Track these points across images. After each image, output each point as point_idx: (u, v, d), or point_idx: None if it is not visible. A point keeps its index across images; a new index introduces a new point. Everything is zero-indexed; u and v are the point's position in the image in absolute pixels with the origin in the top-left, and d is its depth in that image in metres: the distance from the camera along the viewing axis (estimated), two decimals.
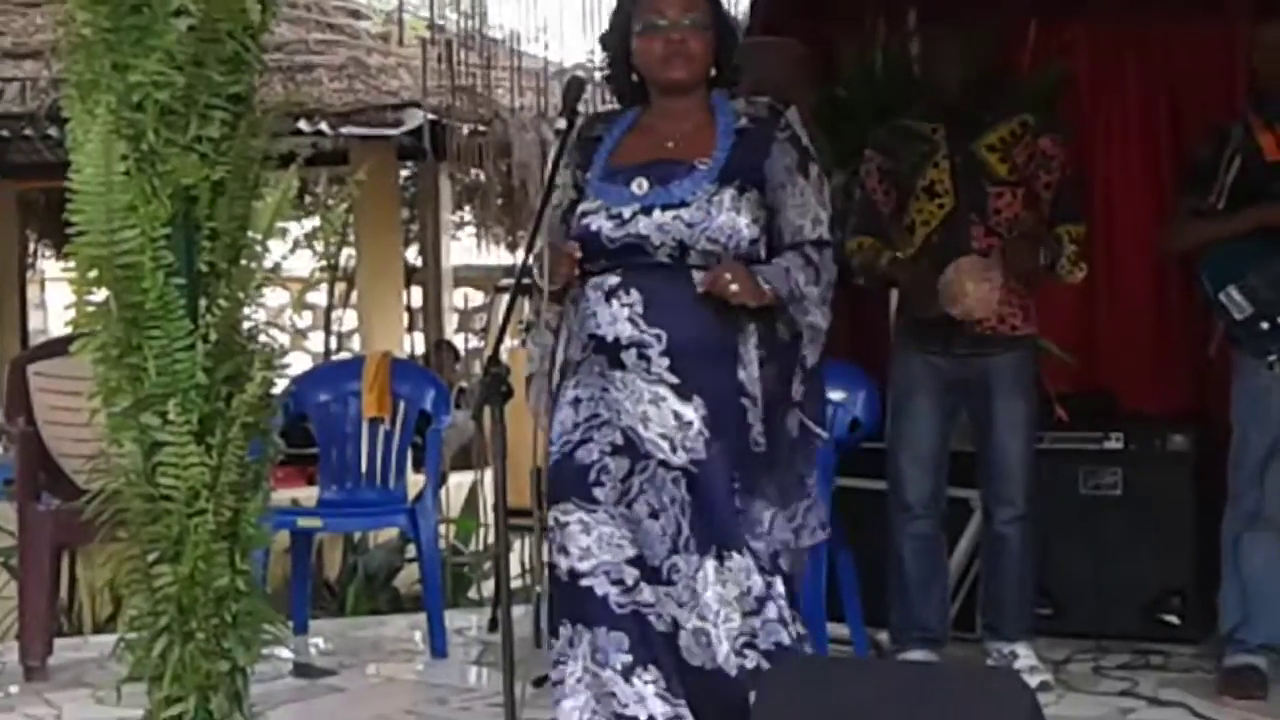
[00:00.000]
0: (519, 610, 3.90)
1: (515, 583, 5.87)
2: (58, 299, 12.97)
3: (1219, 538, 4.91)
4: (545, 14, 15.29)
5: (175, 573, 3.13)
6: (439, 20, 10.54)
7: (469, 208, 13.59)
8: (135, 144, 3.13)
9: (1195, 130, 5.42)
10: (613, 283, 3.51)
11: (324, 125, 10.51)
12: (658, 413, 3.46)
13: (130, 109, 3.13)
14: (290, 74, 10.58)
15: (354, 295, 12.87)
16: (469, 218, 13.80)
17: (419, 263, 13.19)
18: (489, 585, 7.52)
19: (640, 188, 3.53)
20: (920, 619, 5.10)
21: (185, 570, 3.13)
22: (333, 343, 13.77)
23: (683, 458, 3.45)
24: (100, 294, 3.17)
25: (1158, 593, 5.54)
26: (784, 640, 3.46)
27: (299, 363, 11.78)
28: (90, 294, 3.17)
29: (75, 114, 3.17)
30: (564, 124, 3.58)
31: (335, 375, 6.65)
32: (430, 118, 10.61)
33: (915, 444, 5.08)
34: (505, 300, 3.73)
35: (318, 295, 13.60)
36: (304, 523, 6.00)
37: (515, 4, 11.74)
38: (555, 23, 17.35)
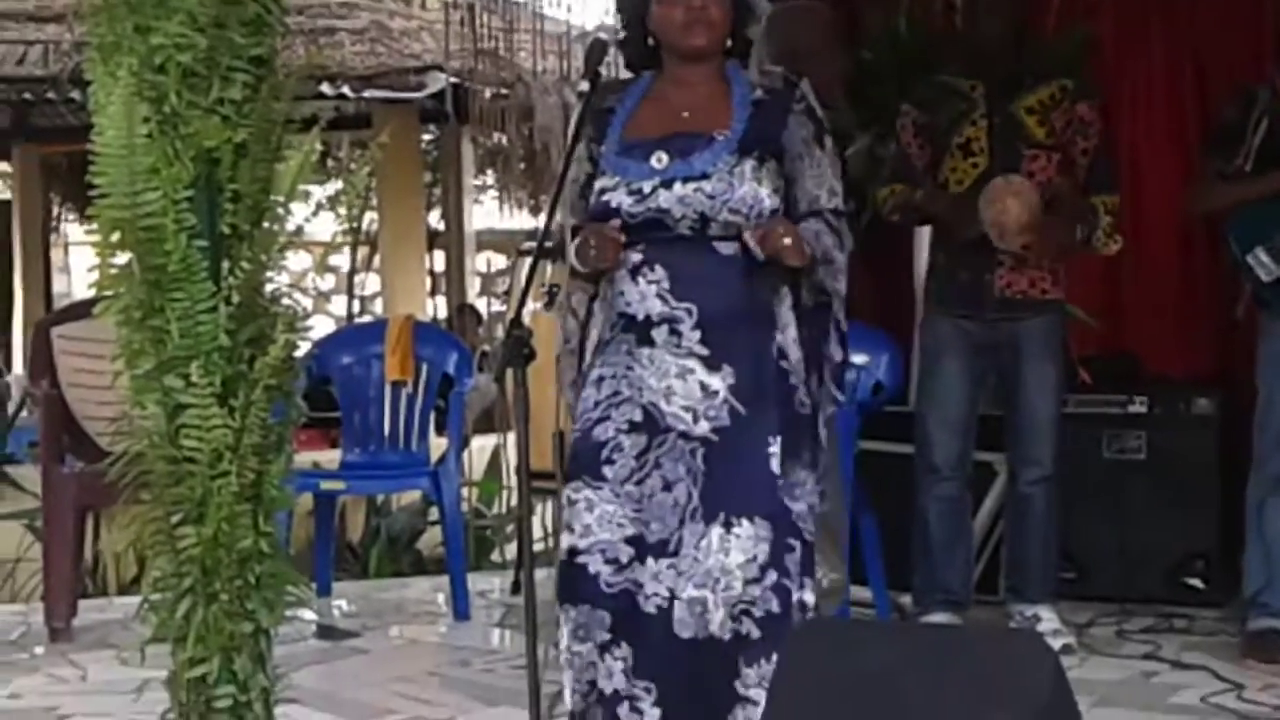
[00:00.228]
0: (541, 573, 3.89)
1: (538, 545, 5.91)
2: (81, 262, 12.97)
3: (1243, 501, 4.91)
4: None
5: (199, 534, 3.13)
6: None
7: (491, 171, 13.58)
8: (157, 106, 3.11)
9: (1221, 93, 5.40)
10: (636, 260, 3.50)
11: (346, 89, 10.50)
12: (683, 385, 3.45)
13: (152, 71, 3.11)
14: (312, 37, 10.57)
15: (376, 259, 12.87)
16: (491, 181, 13.79)
17: (441, 227, 13.19)
18: (512, 548, 7.53)
19: (660, 162, 3.51)
20: (943, 582, 5.10)
21: (209, 532, 3.13)
22: (355, 306, 13.79)
23: (704, 427, 3.44)
24: (123, 257, 3.16)
25: (1181, 556, 5.54)
26: (786, 608, 3.40)
27: (322, 326, 11.81)
28: (113, 257, 3.16)
29: (97, 77, 3.15)
30: (586, 86, 3.57)
31: (358, 338, 6.67)
32: (453, 81, 10.59)
33: (944, 407, 5.08)
34: (527, 264, 3.73)
35: (340, 259, 13.63)
36: (327, 485, 6.03)
37: None
38: None
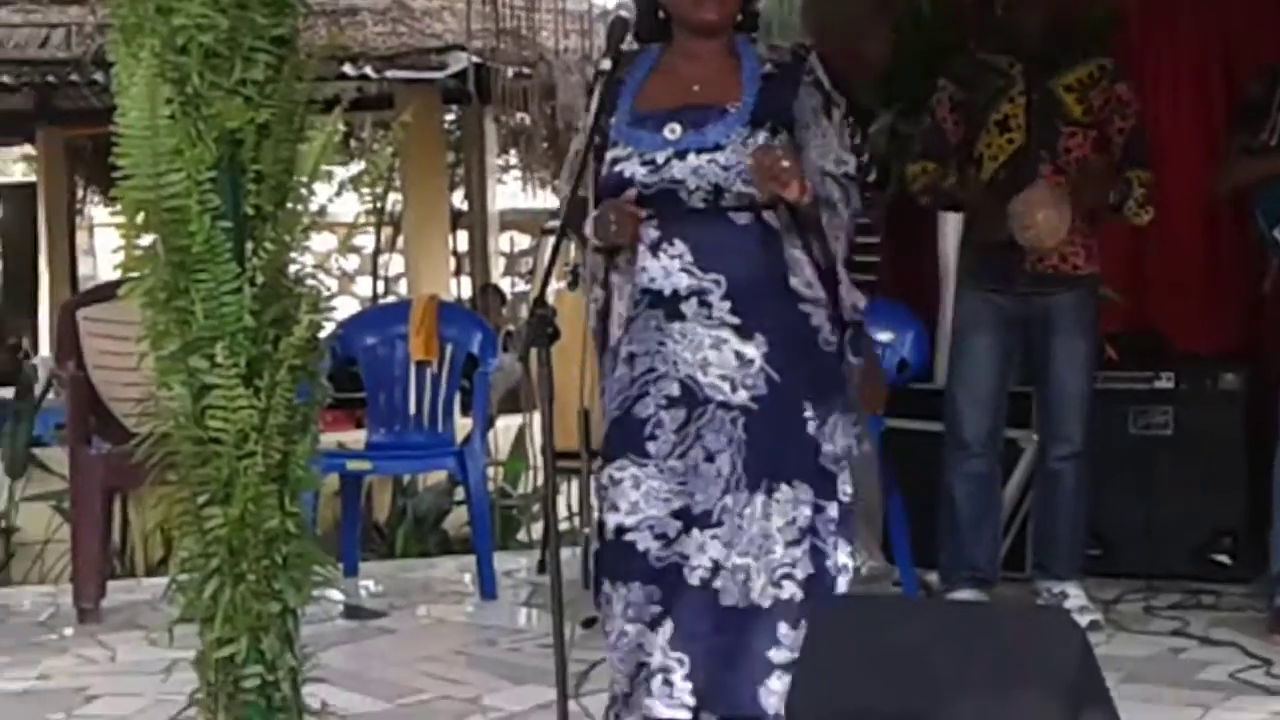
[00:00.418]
0: (567, 552, 3.90)
1: (564, 525, 5.90)
2: (106, 244, 13.02)
3: (1270, 477, 4.89)
4: None
5: (225, 515, 3.14)
6: None
7: (514, 151, 13.58)
8: (180, 87, 3.12)
9: (1246, 70, 5.36)
10: (654, 235, 3.50)
11: (368, 69, 10.50)
12: (719, 355, 3.46)
13: (174, 52, 3.12)
14: (334, 17, 10.57)
15: (400, 239, 12.87)
16: (514, 161, 13.79)
17: (465, 207, 13.19)
18: (537, 527, 7.54)
19: (673, 133, 3.51)
20: (970, 558, 5.09)
21: (235, 512, 3.14)
22: (380, 287, 13.80)
23: (743, 395, 3.45)
24: (147, 238, 3.17)
25: (1208, 532, 5.52)
26: (824, 570, 3.45)
27: (346, 307, 11.79)
28: (138, 238, 3.18)
29: (120, 58, 3.16)
30: (608, 65, 3.56)
31: (382, 319, 6.67)
32: (475, 61, 10.56)
33: (974, 383, 5.06)
34: (551, 243, 3.72)
35: (364, 239, 13.63)
36: (353, 465, 6.03)
37: None
38: None
